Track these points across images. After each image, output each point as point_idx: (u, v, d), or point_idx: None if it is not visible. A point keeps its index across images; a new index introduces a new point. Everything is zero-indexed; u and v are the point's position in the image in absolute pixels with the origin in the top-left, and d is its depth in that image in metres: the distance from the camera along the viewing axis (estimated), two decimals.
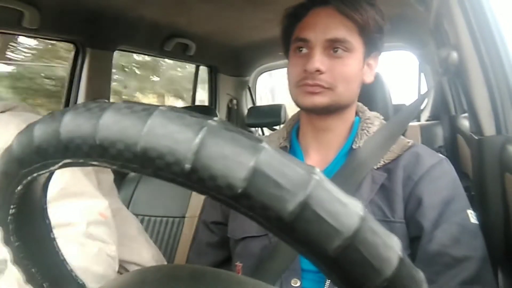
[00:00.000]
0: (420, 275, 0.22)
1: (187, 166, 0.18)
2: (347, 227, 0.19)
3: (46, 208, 0.29)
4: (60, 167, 0.22)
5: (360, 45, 0.70)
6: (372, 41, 0.71)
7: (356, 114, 0.77)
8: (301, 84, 0.69)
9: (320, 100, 0.68)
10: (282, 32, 0.78)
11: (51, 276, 0.31)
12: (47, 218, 0.30)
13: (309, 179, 0.19)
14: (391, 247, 0.20)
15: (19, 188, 0.25)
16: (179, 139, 0.19)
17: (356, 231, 0.19)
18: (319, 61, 0.67)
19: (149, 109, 0.20)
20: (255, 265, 0.69)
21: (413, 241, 0.63)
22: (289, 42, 0.76)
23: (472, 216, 0.63)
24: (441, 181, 0.65)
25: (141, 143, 0.19)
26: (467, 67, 0.73)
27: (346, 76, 0.68)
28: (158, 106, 0.20)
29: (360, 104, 0.79)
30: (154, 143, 0.19)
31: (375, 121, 0.75)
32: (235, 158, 0.18)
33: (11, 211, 0.26)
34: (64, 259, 0.32)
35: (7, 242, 0.29)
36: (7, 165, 0.24)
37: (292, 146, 0.78)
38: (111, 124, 0.20)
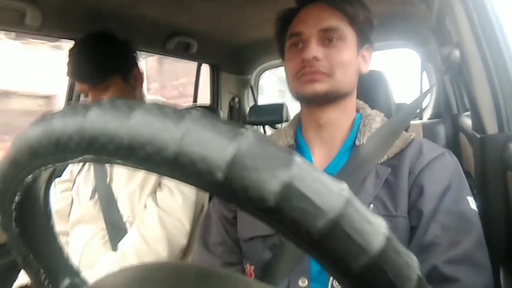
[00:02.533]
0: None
1: (220, 175, 0.18)
2: (373, 246, 0.19)
3: (49, 195, 0.29)
4: (79, 161, 0.22)
5: (351, 34, 0.73)
6: (362, 32, 0.75)
7: (357, 110, 0.78)
8: (300, 75, 0.71)
9: (320, 87, 0.70)
10: (277, 36, 0.82)
11: (48, 263, 0.31)
12: (49, 206, 0.30)
13: (340, 196, 0.19)
14: (412, 266, 0.20)
15: (29, 177, 0.24)
16: (213, 147, 0.19)
17: (382, 250, 0.19)
18: (315, 49, 0.69)
19: (180, 113, 0.20)
20: (264, 264, 0.69)
21: (412, 230, 0.63)
22: (283, 43, 0.79)
23: (472, 203, 0.63)
24: (442, 172, 0.66)
25: (173, 148, 0.19)
26: (469, 65, 0.73)
27: (342, 62, 0.71)
28: (189, 109, 0.20)
29: (360, 101, 0.80)
30: (186, 149, 0.19)
31: (376, 117, 0.76)
32: (268, 171, 0.18)
33: (16, 199, 0.26)
34: (62, 247, 0.32)
35: (6, 228, 0.28)
36: (19, 154, 0.23)
37: (298, 144, 0.79)
38: (142, 126, 0.19)
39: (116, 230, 1.03)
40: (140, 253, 0.97)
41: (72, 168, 1.21)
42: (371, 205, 0.65)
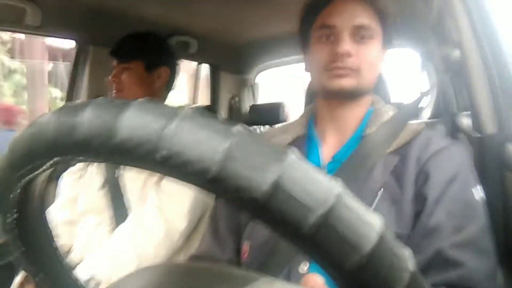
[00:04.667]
0: (405, 252, 0.21)
1: (163, 152, 0.19)
2: (321, 205, 0.19)
3: (45, 216, 0.30)
4: (51, 166, 0.23)
5: (379, 33, 0.74)
6: (387, 32, 0.76)
7: (371, 104, 0.80)
8: (330, 68, 0.72)
9: (348, 82, 0.71)
10: (301, 22, 0.80)
11: (58, 283, 0.32)
12: (48, 227, 0.30)
13: (282, 159, 0.19)
14: (369, 223, 0.20)
15: (17, 192, 0.25)
16: (154, 127, 0.19)
17: (330, 208, 0.19)
18: (349, 44, 0.70)
19: (126, 102, 0.21)
20: (263, 247, 0.69)
21: (416, 215, 0.64)
22: (307, 33, 0.78)
23: (478, 193, 0.64)
24: (449, 162, 0.67)
25: (119, 135, 0.20)
26: (469, 65, 0.73)
27: (371, 61, 0.72)
28: (136, 98, 0.21)
29: (375, 95, 0.82)
30: (130, 134, 0.19)
31: (389, 111, 0.78)
32: (208, 142, 0.19)
33: (13, 216, 0.27)
34: (70, 268, 0.32)
35: (15, 248, 0.29)
36: (2, 171, 0.24)
37: (309, 134, 0.81)
38: (92, 119, 0.20)
39: (122, 219, 1.05)
40: (134, 237, 0.97)
41: None
42: (381, 189, 0.66)
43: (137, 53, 1.15)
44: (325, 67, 0.72)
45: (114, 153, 0.20)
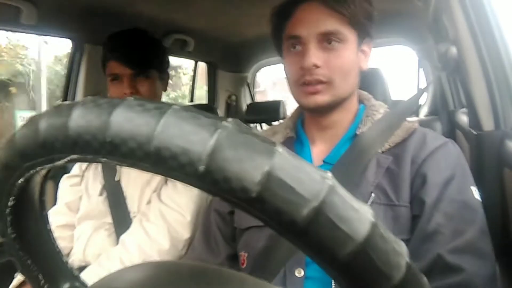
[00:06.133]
0: (425, 280, 0.22)
1: (201, 167, 0.18)
2: (359, 233, 0.19)
3: (44, 200, 0.29)
4: (66, 162, 0.22)
5: (352, 35, 0.70)
6: (363, 29, 0.72)
7: (362, 102, 0.78)
8: (300, 83, 0.69)
9: (322, 99, 0.69)
10: (272, 32, 0.78)
11: (47, 267, 0.31)
12: (44, 209, 0.30)
13: (323, 184, 0.19)
14: (400, 253, 0.20)
15: (20, 180, 0.24)
16: (194, 140, 0.18)
17: (368, 237, 0.19)
18: (314, 56, 0.67)
19: (162, 108, 0.20)
20: (260, 255, 0.69)
21: (414, 219, 0.63)
22: (280, 40, 0.76)
23: (475, 193, 0.63)
24: (445, 162, 0.65)
25: (154, 142, 0.19)
26: (466, 62, 0.73)
27: (342, 68, 0.69)
28: (171, 104, 0.20)
29: (365, 92, 0.79)
30: (167, 143, 0.19)
31: (380, 109, 0.76)
32: (250, 162, 0.18)
33: (10, 203, 0.26)
34: (60, 251, 0.32)
35: (3, 234, 0.28)
36: (9, 158, 0.23)
37: (298, 136, 0.79)
38: (124, 122, 0.19)
39: (122, 225, 1.04)
40: (141, 246, 0.98)
41: (81, 163, 1.21)
42: (373, 194, 0.64)
43: (154, 60, 1.06)
44: (296, 81, 0.70)
45: (145, 160, 0.19)
